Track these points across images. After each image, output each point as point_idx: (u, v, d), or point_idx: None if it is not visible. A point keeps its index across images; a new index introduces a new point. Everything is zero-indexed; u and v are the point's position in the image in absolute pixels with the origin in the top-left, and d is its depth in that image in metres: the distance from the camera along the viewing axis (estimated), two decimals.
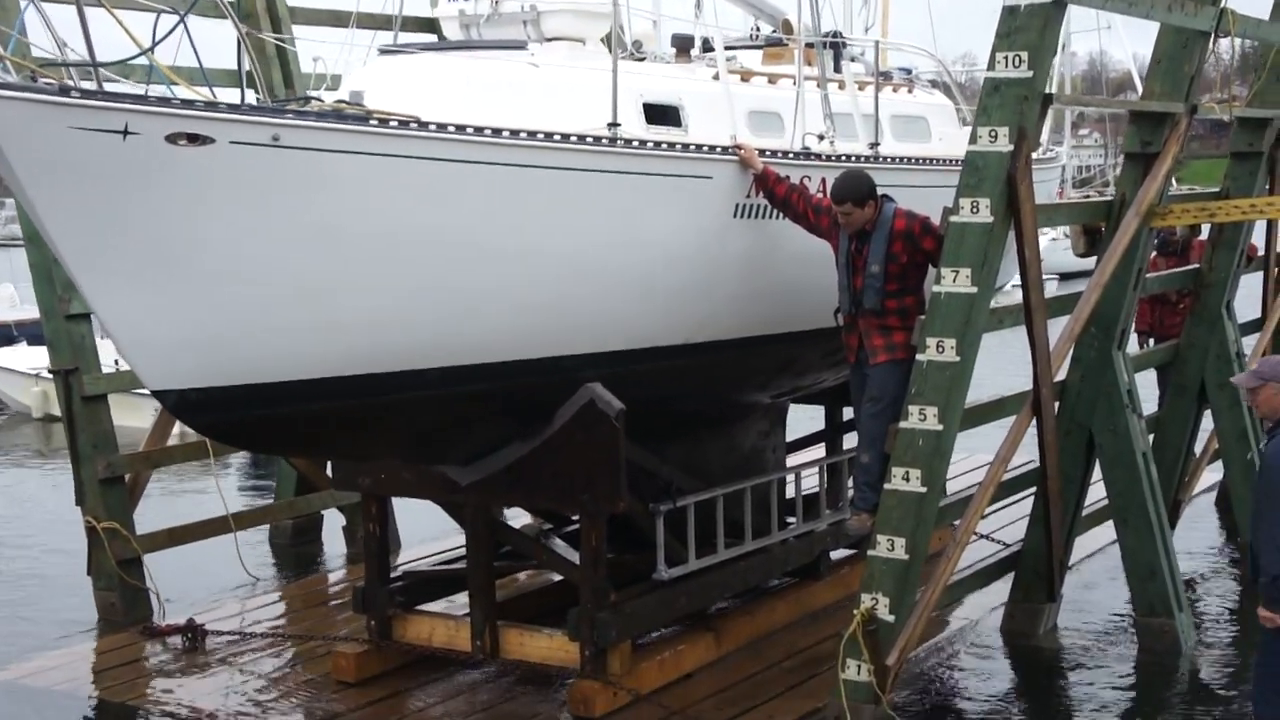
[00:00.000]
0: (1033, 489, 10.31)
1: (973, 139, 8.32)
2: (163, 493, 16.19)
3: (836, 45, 11.80)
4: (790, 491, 11.14)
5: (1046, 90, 8.40)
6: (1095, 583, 11.90)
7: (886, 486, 8.42)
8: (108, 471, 11.46)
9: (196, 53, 7.60)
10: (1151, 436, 11.14)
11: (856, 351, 8.99)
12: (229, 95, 7.74)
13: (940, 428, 8.26)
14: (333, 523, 14.19)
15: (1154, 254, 13.04)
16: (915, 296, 8.79)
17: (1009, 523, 12.45)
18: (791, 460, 11.64)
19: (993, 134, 8.19)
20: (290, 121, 7.16)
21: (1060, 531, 10.06)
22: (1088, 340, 10.02)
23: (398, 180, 7.53)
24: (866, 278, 8.77)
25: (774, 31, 12.23)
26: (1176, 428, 11.75)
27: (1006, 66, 8.16)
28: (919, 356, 8.37)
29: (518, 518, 12.66)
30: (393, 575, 10.02)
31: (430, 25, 11.98)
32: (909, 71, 13.10)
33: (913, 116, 11.83)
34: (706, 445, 10.54)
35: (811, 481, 11.50)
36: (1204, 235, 12.93)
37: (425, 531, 13.36)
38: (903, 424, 8.38)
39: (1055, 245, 35.00)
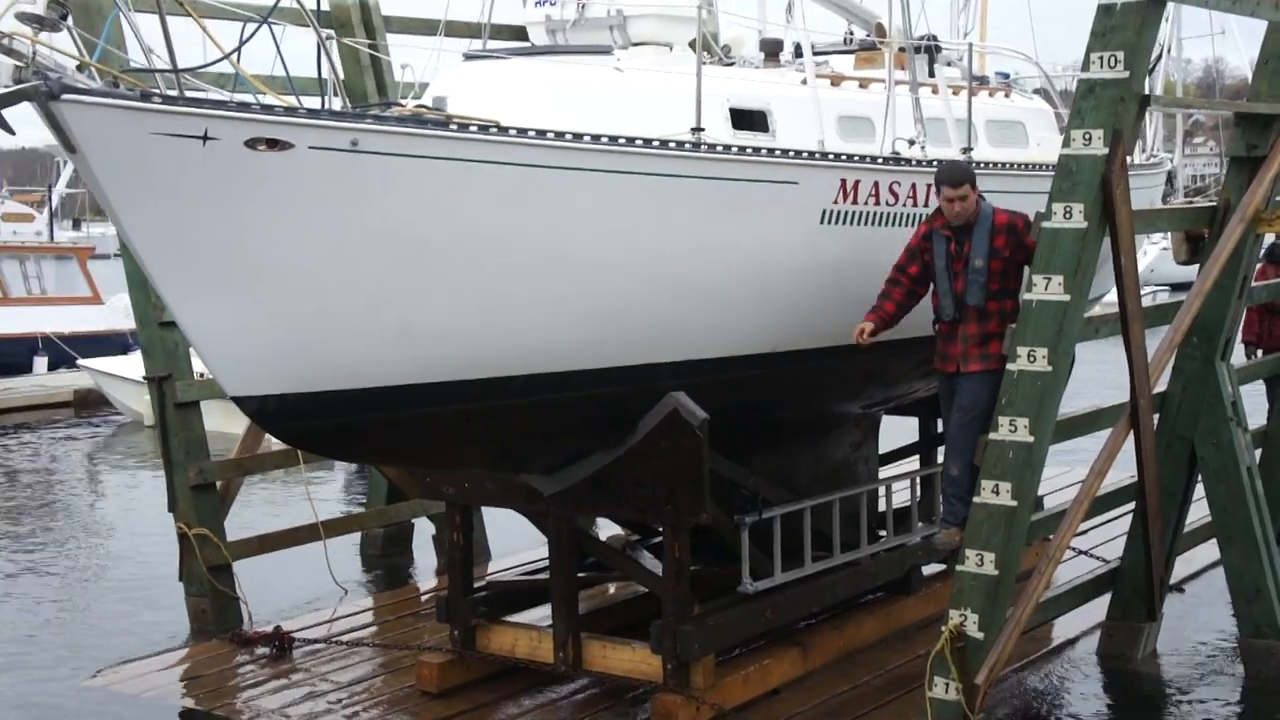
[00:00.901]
0: (1132, 504, 9.99)
1: (1066, 142, 8.07)
2: (268, 497, 16.36)
3: (931, 49, 11.59)
4: (882, 504, 10.92)
5: (1144, 91, 8.13)
6: (1201, 603, 11.53)
7: (976, 500, 8.19)
8: (199, 478, 11.55)
9: (283, 60, 7.61)
10: (1259, 451, 10.77)
11: (957, 360, 8.73)
12: (315, 102, 7.75)
13: (1031, 439, 8.02)
14: (424, 532, 14.19)
15: (1262, 262, 12.63)
16: (1014, 301, 8.55)
17: (1110, 538, 12.11)
18: (884, 473, 11.42)
19: (1086, 137, 7.94)
20: (369, 126, 7.12)
21: (1160, 548, 9.74)
22: (1189, 350, 9.70)
23: (478, 185, 7.46)
24: (970, 273, 8.57)
25: (868, 36, 12.04)
26: None
27: (1101, 67, 7.90)
28: (1009, 366, 8.13)
29: (606, 528, 12.56)
30: (477, 585, 9.95)
31: (521, 33, 11.93)
32: (1007, 76, 12.84)
33: (1009, 121, 11.58)
34: (796, 457, 10.36)
35: (904, 495, 11.27)
36: None
37: (516, 542, 13.29)
38: (993, 435, 8.14)
39: (1166, 255, 34.26)
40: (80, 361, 26.43)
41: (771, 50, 10.31)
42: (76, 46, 6.96)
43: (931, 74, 11.45)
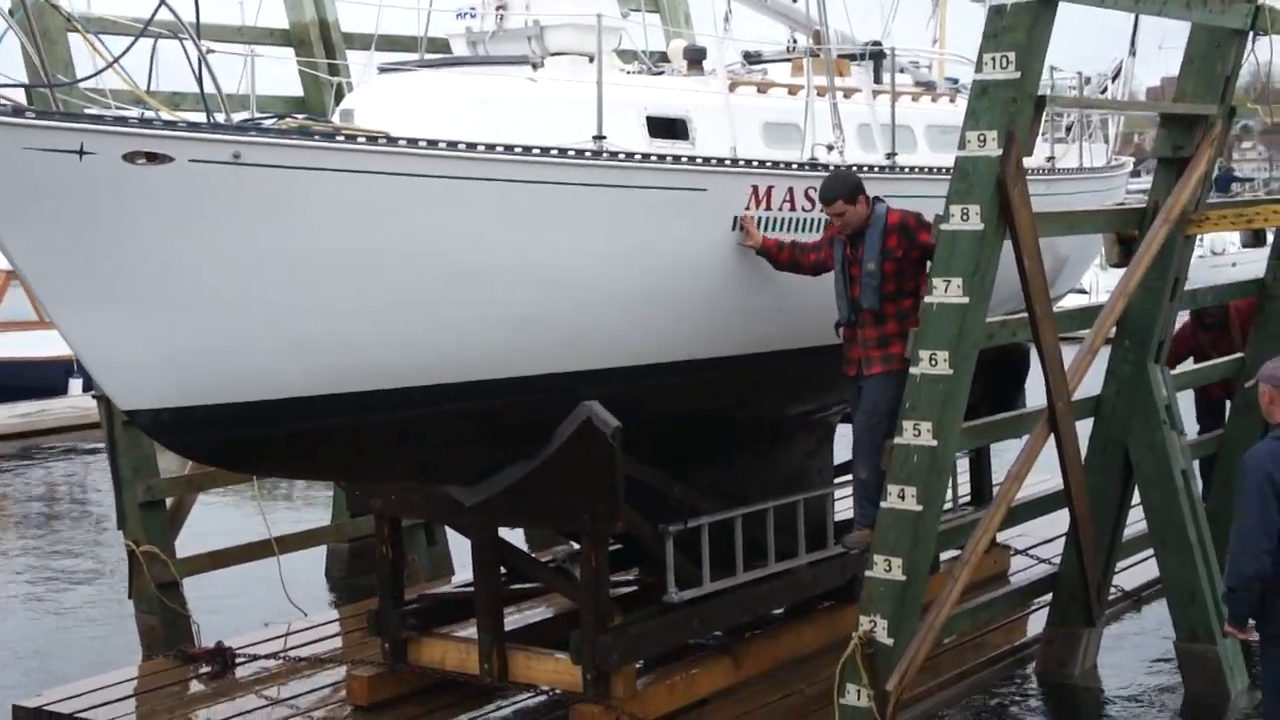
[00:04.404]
0: None
1: (961, 144, 8.01)
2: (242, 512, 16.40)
3: (876, 55, 11.56)
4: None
5: (1039, 92, 8.05)
6: (1146, 612, 11.37)
7: (883, 505, 8.12)
8: (148, 495, 11.57)
9: (197, 76, 7.57)
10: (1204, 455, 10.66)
11: (858, 364, 8.70)
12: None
13: (935, 443, 7.94)
14: None
15: (1193, 328, 12.17)
16: (913, 300, 8.49)
17: None
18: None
19: (981, 138, 7.86)
20: (249, 139, 7.13)
21: (1095, 553, 9.61)
22: (1121, 353, 9.59)
23: (368, 196, 7.46)
24: (863, 276, 8.54)
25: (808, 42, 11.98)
26: (1243, 446, 11.12)
27: (994, 68, 7.83)
28: (911, 370, 8.06)
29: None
30: (408, 599, 9.93)
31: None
32: (956, 81, 12.75)
33: (952, 126, 11.45)
34: (744, 465, 10.26)
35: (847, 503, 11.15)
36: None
37: None
38: (897, 440, 8.07)
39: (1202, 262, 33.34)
40: None
41: (694, 58, 10.26)
42: None
43: (878, 80, 11.41)
